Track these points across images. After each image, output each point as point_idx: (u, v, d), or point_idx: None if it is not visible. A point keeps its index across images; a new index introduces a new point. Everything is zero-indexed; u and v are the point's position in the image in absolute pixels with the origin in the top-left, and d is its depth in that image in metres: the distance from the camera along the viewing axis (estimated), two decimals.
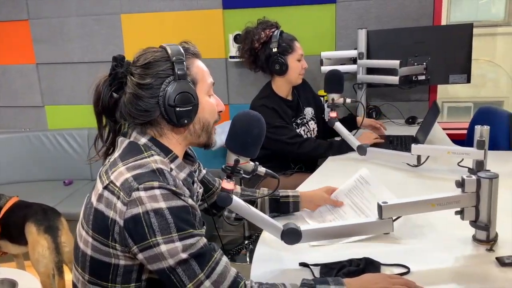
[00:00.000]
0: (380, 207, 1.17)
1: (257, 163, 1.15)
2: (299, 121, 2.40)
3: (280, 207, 1.45)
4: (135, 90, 1.06)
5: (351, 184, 1.48)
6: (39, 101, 3.46)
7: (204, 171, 1.41)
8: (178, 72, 1.06)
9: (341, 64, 2.75)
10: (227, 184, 1.13)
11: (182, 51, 1.09)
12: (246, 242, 2.99)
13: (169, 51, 1.07)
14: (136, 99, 1.06)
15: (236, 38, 2.85)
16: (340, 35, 2.89)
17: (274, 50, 2.24)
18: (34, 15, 3.30)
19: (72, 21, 3.26)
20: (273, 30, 2.28)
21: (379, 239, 1.28)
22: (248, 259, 2.81)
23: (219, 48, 3.04)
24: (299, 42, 2.34)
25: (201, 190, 1.27)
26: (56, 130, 3.31)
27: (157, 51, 1.09)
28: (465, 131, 2.74)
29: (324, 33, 2.90)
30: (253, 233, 3.03)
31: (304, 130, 2.40)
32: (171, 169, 1.07)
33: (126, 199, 0.96)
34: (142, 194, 0.96)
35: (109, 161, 1.09)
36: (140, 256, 0.98)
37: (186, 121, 1.08)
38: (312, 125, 2.46)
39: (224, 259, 1.02)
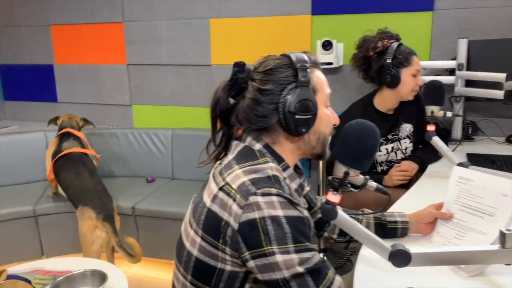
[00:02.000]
0: (503, 235, 1.05)
1: (367, 176, 1.08)
2: (390, 136, 2.26)
3: (386, 232, 1.36)
4: (255, 95, 1.06)
5: (455, 190, 1.37)
6: (128, 100, 3.61)
7: (307, 188, 1.36)
8: (302, 79, 1.04)
9: (436, 75, 2.60)
10: (333, 197, 1.07)
11: (307, 58, 1.06)
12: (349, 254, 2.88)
13: (293, 58, 1.06)
14: (255, 104, 1.06)
15: (325, 45, 2.78)
16: (435, 44, 2.73)
17: (388, 61, 2.12)
18: (128, 17, 3.45)
19: (163, 24, 3.37)
20: (391, 41, 2.18)
21: (498, 269, 1.16)
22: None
23: None
24: (418, 57, 2.20)
25: (305, 206, 1.22)
26: (142, 129, 3.43)
27: (280, 58, 1.09)
28: None
29: (419, 42, 2.76)
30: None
31: (392, 147, 2.27)
32: (284, 178, 1.04)
33: (243, 202, 0.94)
34: (260, 199, 0.93)
35: (220, 163, 1.09)
36: (251, 263, 0.94)
37: (303, 130, 1.05)
38: (406, 143, 2.29)
39: (338, 278, 0.96)
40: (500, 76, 2.20)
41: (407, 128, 2.29)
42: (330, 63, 2.79)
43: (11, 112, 4.11)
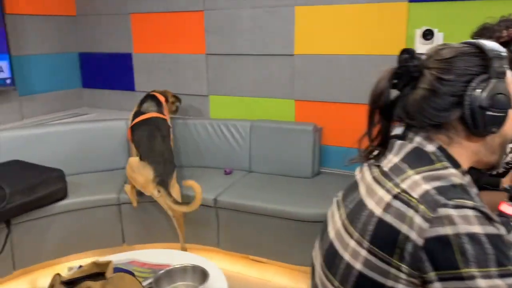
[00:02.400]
0: None
1: None
2: None
3: None
4: (433, 85, 0.91)
5: None
6: (205, 90, 3.56)
7: None
8: (498, 70, 0.88)
9: None
10: (509, 208, 0.92)
11: (501, 47, 0.91)
12: None
13: (485, 46, 0.91)
14: (433, 95, 0.91)
15: (425, 34, 2.58)
16: None
17: None
18: (209, 6, 3.39)
19: (245, 12, 3.27)
20: None
21: None
22: None
23: (399, 45, 2.80)
24: None
25: (500, 221, 1.07)
26: (220, 120, 3.37)
27: (463, 46, 0.94)
28: None
29: None
30: None
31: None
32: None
33: (430, 215, 0.81)
34: (452, 212, 0.80)
35: (377, 164, 0.97)
36: (437, 285, 0.81)
37: (493, 129, 0.90)
38: None
39: None
40: None
41: None
42: None
43: (88, 100, 4.18)
